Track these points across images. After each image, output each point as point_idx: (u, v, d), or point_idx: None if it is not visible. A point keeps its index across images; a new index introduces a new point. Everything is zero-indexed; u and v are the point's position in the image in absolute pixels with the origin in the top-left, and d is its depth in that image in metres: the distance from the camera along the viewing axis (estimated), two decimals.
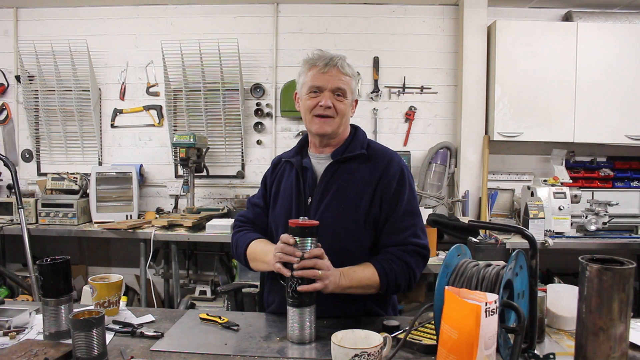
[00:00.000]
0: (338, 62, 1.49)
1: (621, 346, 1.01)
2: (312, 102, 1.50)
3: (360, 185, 1.50)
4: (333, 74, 1.48)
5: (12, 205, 3.48)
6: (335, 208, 1.49)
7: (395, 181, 1.51)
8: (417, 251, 1.48)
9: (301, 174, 1.56)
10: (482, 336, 0.96)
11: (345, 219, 1.48)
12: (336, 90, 1.49)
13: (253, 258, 1.55)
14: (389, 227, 1.49)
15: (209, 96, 3.83)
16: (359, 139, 1.59)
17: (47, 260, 1.30)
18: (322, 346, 1.25)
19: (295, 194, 1.55)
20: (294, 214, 1.52)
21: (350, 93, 1.53)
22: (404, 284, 1.46)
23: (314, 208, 1.52)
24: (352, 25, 3.84)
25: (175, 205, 3.83)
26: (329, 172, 1.54)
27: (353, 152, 1.54)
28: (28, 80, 3.87)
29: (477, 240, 2.70)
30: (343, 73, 1.50)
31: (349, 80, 1.51)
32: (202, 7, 3.87)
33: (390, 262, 1.44)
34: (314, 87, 1.49)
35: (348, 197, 1.49)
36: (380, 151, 1.58)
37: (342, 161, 1.54)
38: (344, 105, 1.51)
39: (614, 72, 3.44)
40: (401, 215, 1.49)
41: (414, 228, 1.50)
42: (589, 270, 1.03)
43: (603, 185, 3.78)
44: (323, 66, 1.48)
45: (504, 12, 3.79)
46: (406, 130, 3.87)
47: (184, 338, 1.31)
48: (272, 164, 1.72)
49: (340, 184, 1.51)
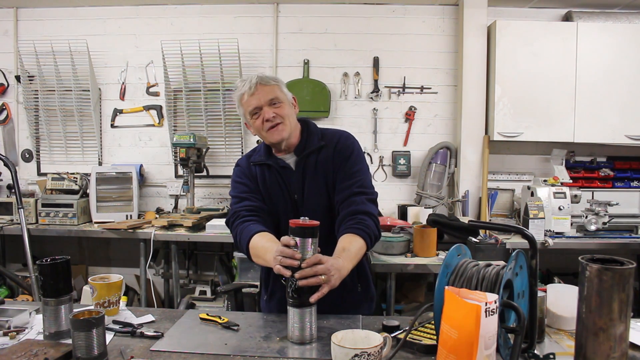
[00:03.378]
0: (259, 79, 1.62)
1: (621, 346, 1.01)
2: (259, 121, 1.63)
3: (325, 169, 1.67)
4: (260, 90, 1.61)
5: (12, 205, 3.48)
6: (315, 198, 1.66)
7: (343, 151, 1.68)
8: (370, 199, 1.64)
9: (283, 173, 1.68)
10: (482, 336, 0.96)
11: (324, 205, 1.66)
12: (271, 101, 1.62)
13: (255, 254, 1.57)
14: (340, 185, 1.65)
15: (209, 96, 3.83)
16: (312, 131, 1.73)
17: (47, 260, 1.30)
18: (322, 346, 1.25)
19: (286, 193, 1.68)
20: (290, 211, 1.66)
21: (284, 96, 1.66)
22: (378, 232, 1.62)
23: (300, 203, 1.67)
24: (352, 25, 3.84)
25: (175, 205, 3.83)
26: (299, 167, 1.68)
27: (312, 145, 1.68)
28: (28, 80, 3.87)
29: (477, 240, 2.70)
30: (267, 85, 1.63)
31: (277, 87, 1.65)
32: (202, 7, 3.87)
33: (363, 222, 1.56)
34: (253, 109, 1.63)
35: (320, 184, 1.66)
36: (331, 134, 1.74)
37: (306, 155, 1.68)
38: (285, 109, 1.64)
39: (614, 72, 3.44)
40: (349, 171, 1.65)
41: (361, 179, 1.65)
42: (589, 270, 1.03)
43: (603, 185, 3.78)
44: (249, 89, 1.61)
45: (504, 12, 3.79)
46: (406, 130, 3.87)
47: (184, 338, 1.31)
48: (242, 165, 1.77)
49: (311, 176, 1.67)
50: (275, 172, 1.69)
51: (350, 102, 3.86)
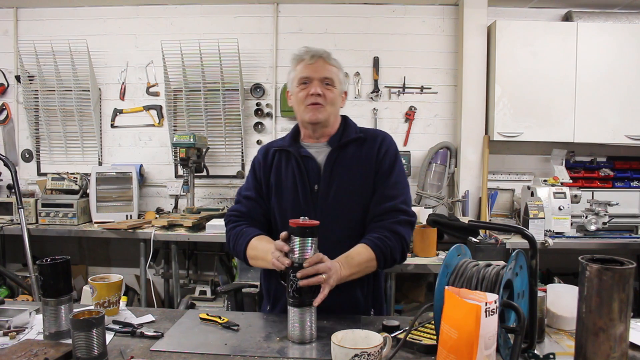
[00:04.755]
0: (324, 54, 1.57)
1: (621, 346, 1.01)
2: (303, 92, 1.56)
3: (363, 166, 1.57)
4: (320, 65, 1.55)
5: (12, 205, 3.48)
6: (344, 193, 1.55)
7: (388, 156, 1.59)
8: (408, 221, 1.55)
9: (302, 162, 1.59)
10: (482, 336, 0.96)
11: (355, 201, 1.55)
12: (324, 80, 1.55)
13: (254, 256, 1.55)
14: (379, 195, 1.56)
15: (209, 96, 3.83)
16: (351, 125, 1.66)
17: (47, 260, 1.30)
18: (322, 346, 1.25)
19: (300, 182, 1.57)
20: (302, 202, 1.56)
21: (338, 83, 1.59)
22: (399, 256, 1.53)
23: (322, 195, 1.55)
24: (352, 25, 3.84)
25: (175, 205, 3.83)
26: (332, 158, 1.58)
27: (349, 137, 1.61)
28: (28, 80, 3.87)
29: (477, 240, 2.70)
30: (329, 64, 1.57)
31: (336, 70, 1.59)
32: (202, 7, 3.87)
33: (384, 240, 1.49)
34: (304, 79, 1.56)
35: (354, 180, 1.56)
36: (373, 132, 1.67)
37: (342, 146, 1.60)
38: (333, 94, 1.57)
39: (614, 72, 3.44)
40: (392, 184, 1.57)
41: (404, 197, 1.57)
42: (589, 270, 1.03)
43: (603, 185, 3.78)
44: (309, 58, 1.55)
45: (504, 12, 3.79)
46: (406, 130, 3.87)
47: (184, 338, 1.31)
48: (261, 153, 1.70)
49: (344, 168, 1.57)
50: (294, 160, 1.59)
51: (350, 102, 3.86)
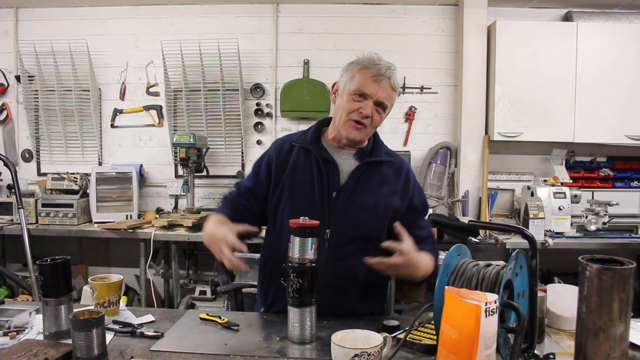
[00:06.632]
0: (392, 75, 1.48)
1: (621, 346, 1.01)
2: (354, 105, 1.49)
3: (388, 189, 1.56)
4: (384, 86, 1.47)
5: (12, 205, 3.47)
6: (364, 209, 1.53)
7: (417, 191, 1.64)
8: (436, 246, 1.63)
9: (324, 165, 1.54)
10: (482, 336, 0.96)
11: (373, 219, 1.54)
12: (380, 103, 1.49)
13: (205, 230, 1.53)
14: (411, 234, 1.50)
15: (209, 96, 3.83)
16: (380, 143, 1.63)
17: (47, 260, 1.30)
18: (322, 346, 1.25)
19: (319, 186, 1.52)
20: (318, 207, 1.51)
21: (389, 108, 1.54)
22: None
23: (340, 204, 1.52)
24: (352, 25, 3.84)
25: (175, 205, 3.83)
26: (358, 172, 1.55)
27: (379, 156, 1.58)
28: (28, 80, 3.87)
29: (477, 240, 2.70)
30: (393, 88, 1.49)
31: (394, 95, 1.52)
32: (202, 7, 3.87)
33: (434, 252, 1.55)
34: (362, 92, 1.48)
35: (378, 199, 1.54)
36: (399, 158, 1.65)
37: (370, 163, 1.57)
38: (380, 119, 1.53)
39: (614, 72, 3.43)
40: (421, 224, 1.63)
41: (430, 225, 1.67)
42: (589, 270, 1.03)
43: (603, 185, 3.78)
44: (377, 74, 1.46)
45: (504, 12, 3.79)
46: (406, 130, 3.87)
47: (184, 338, 1.31)
48: (276, 147, 1.62)
49: (369, 185, 1.55)
50: (314, 160, 1.54)
51: None
